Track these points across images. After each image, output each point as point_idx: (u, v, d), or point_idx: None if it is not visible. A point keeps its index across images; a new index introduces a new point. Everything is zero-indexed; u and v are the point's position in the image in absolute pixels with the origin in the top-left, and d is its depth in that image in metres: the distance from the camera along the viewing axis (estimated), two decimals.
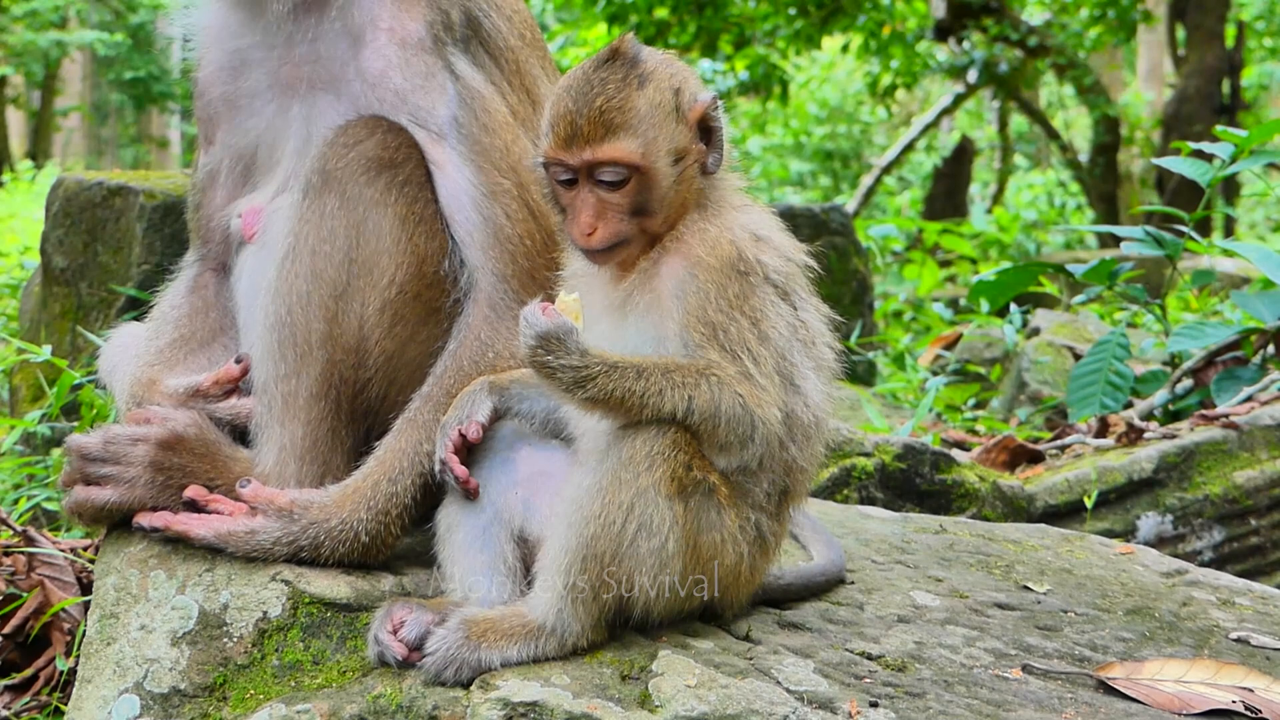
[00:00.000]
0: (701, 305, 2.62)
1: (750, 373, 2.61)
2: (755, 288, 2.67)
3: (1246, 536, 4.84)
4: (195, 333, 3.30)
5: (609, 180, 2.68)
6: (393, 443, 2.92)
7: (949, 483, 4.75)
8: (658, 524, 2.55)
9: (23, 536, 3.71)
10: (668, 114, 2.71)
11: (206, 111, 3.29)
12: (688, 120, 2.73)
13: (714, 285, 2.63)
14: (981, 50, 22.76)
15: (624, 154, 2.67)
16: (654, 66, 2.73)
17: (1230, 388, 5.57)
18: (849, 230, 9.92)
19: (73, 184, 5.82)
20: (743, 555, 2.69)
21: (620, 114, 2.67)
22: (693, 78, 2.79)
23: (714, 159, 2.76)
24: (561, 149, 2.69)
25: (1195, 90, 22.11)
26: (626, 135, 2.67)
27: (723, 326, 2.62)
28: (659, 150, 2.69)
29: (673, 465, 2.56)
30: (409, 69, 3.07)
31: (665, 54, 2.80)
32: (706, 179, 2.77)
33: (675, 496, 2.56)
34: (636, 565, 2.57)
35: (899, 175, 33.50)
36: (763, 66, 20.98)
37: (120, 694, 2.64)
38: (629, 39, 2.76)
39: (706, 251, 2.66)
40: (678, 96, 2.72)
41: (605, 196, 2.69)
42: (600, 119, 2.67)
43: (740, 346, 2.61)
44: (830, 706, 2.48)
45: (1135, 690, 2.69)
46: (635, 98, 2.68)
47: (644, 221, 2.70)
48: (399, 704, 2.49)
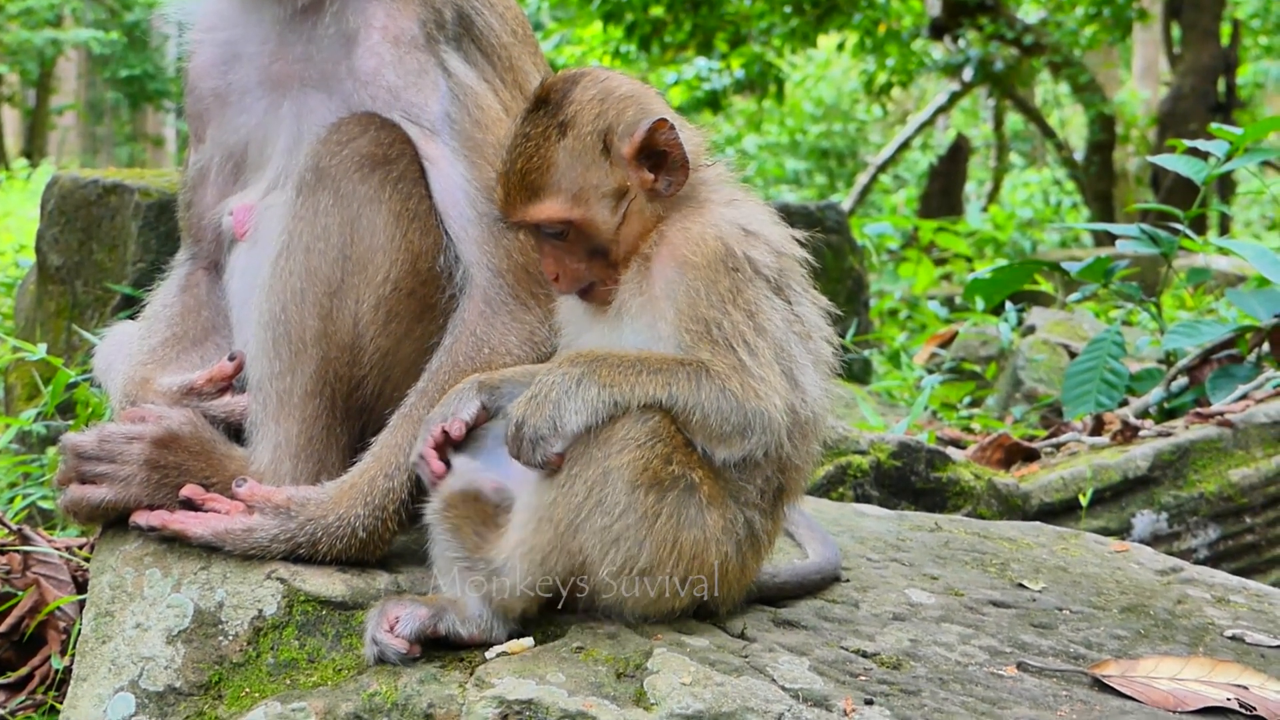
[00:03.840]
0: (693, 303, 2.61)
1: (745, 364, 2.59)
2: (747, 282, 2.65)
3: (1241, 534, 4.84)
4: (188, 331, 3.30)
5: (550, 234, 2.72)
6: (389, 439, 2.92)
7: (944, 481, 4.75)
8: (611, 504, 2.55)
9: (18, 535, 3.71)
10: (593, 160, 2.69)
11: (197, 108, 3.28)
12: (623, 157, 2.69)
13: (703, 282, 2.62)
14: (977, 48, 22.77)
15: (550, 214, 2.69)
16: (577, 110, 2.69)
17: (1225, 386, 5.57)
18: (844, 228, 9.92)
19: (68, 182, 5.82)
20: (729, 554, 2.68)
21: (540, 174, 2.68)
22: (633, 106, 2.72)
23: (668, 182, 2.72)
24: (504, 208, 2.76)
25: (1190, 88, 22.14)
26: (550, 195, 2.69)
27: (716, 321, 2.61)
28: (589, 199, 2.69)
29: (646, 454, 2.55)
30: (402, 66, 3.06)
31: (605, 84, 2.74)
32: (672, 193, 2.73)
33: (644, 486, 2.55)
34: (589, 541, 2.57)
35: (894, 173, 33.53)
36: (758, 64, 21.00)
37: (116, 692, 2.64)
38: (560, 79, 2.75)
39: (692, 250, 2.65)
40: (605, 137, 2.69)
41: (556, 245, 2.73)
42: (522, 182, 2.69)
43: (736, 339, 2.60)
44: (825, 704, 2.48)
45: (1130, 688, 2.69)
46: (554, 152, 2.68)
47: (603, 260, 2.72)
48: (394, 702, 2.49)
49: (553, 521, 2.58)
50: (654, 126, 2.68)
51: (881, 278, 15.57)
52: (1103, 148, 24.38)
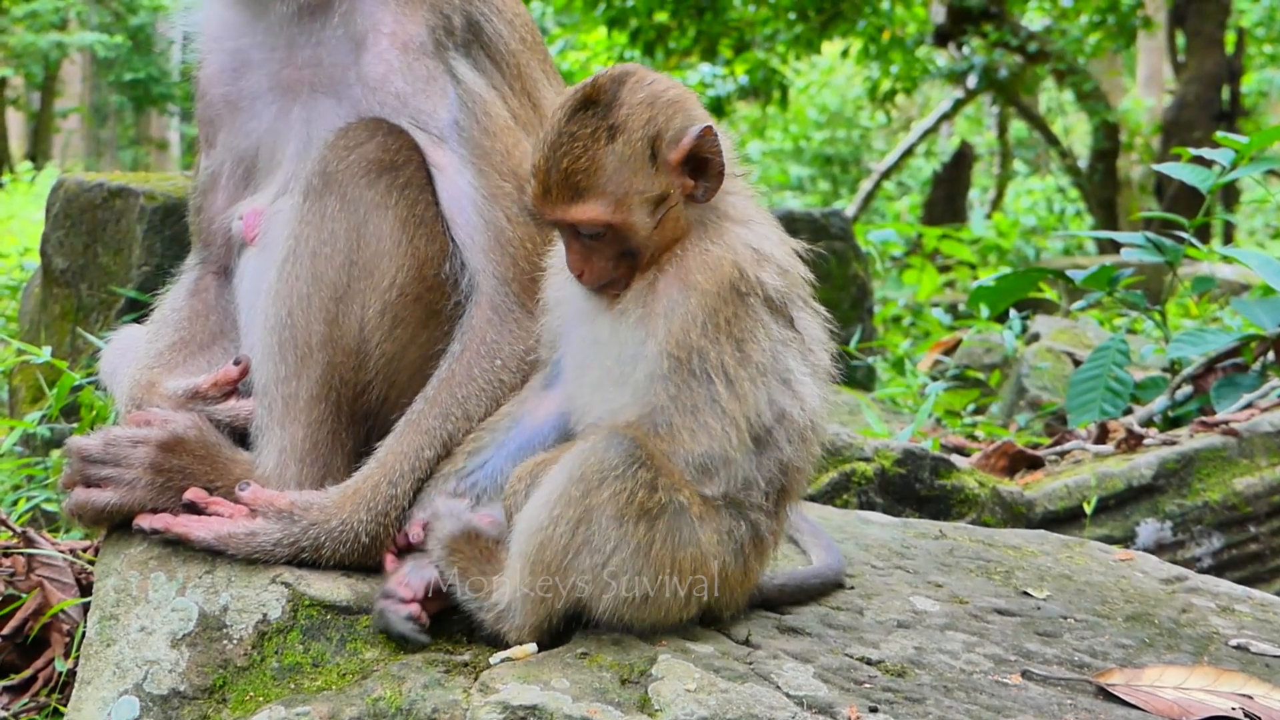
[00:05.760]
0: (686, 328, 2.62)
1: (712, 400, 2.61)
2: (751, 309, 2.66)
3: (1246, 543, 4.84)
4: (195, 335, 3.30)
5: (587, 234, 2.69)
6: (394, 445, 2.92)
7: (949, 488, 4.75)
8: (600, 543, 2.56)
9: (22, 538, 3.71)
10: (641, 165, 2.65)
11: (207, 113, 3.29)
12: (670, 163, 2.67)
13: (704, 310, 2.62)
14: (981, 56, 22.78)
15: (593, 215, 2.65)
16: (628, 113, 2.65)
17: (1230, 394, 5.57)
18: (849, 235, 9.92)
19: (73, 185, 5.82)
20: (728, 562, 2.69)
21: (587, 176, 2.63)
22: (680, 112, 2.69)
23: (704, 189, 2.70)
24: (539, 203, 2.69)
25: (1195, 97, 22.15)
26: (594, 197, 2.65)
27: (702, 351, 2.61)
28: (632, 204, 2.66)
29: (629, 485, 2.54)
30: (410, 73, 3.07)
31: (652, 86, 2.69)
32: (706, 199, 2.72)
33: (632, 519, 2.55)
34: (582, 580, 2.60)
35: (898, 180, 33.55)
36: (762, 71, 21.02)
37: (120, 695, 2.64)
38: (607, 78, 2.69)
39: (705, 276, 2.64)
40: (654, 143, 2.66)
41: (589, 244, 2.70)
42: (567, 182, 2.64)
43: (716, 369, 2.61)
44: (830, 711, 2.47)
45: (1135, 697, 2.69)
46: (603, 155, 2.63)
47: (631, 261, 2.71)
48: (398, 707, 2.48)
49: (544, 564, 2.59)
50: (703, 134, 2.66)
51: (886, 285, 15.57)
52: (1107, 155, 24.39)
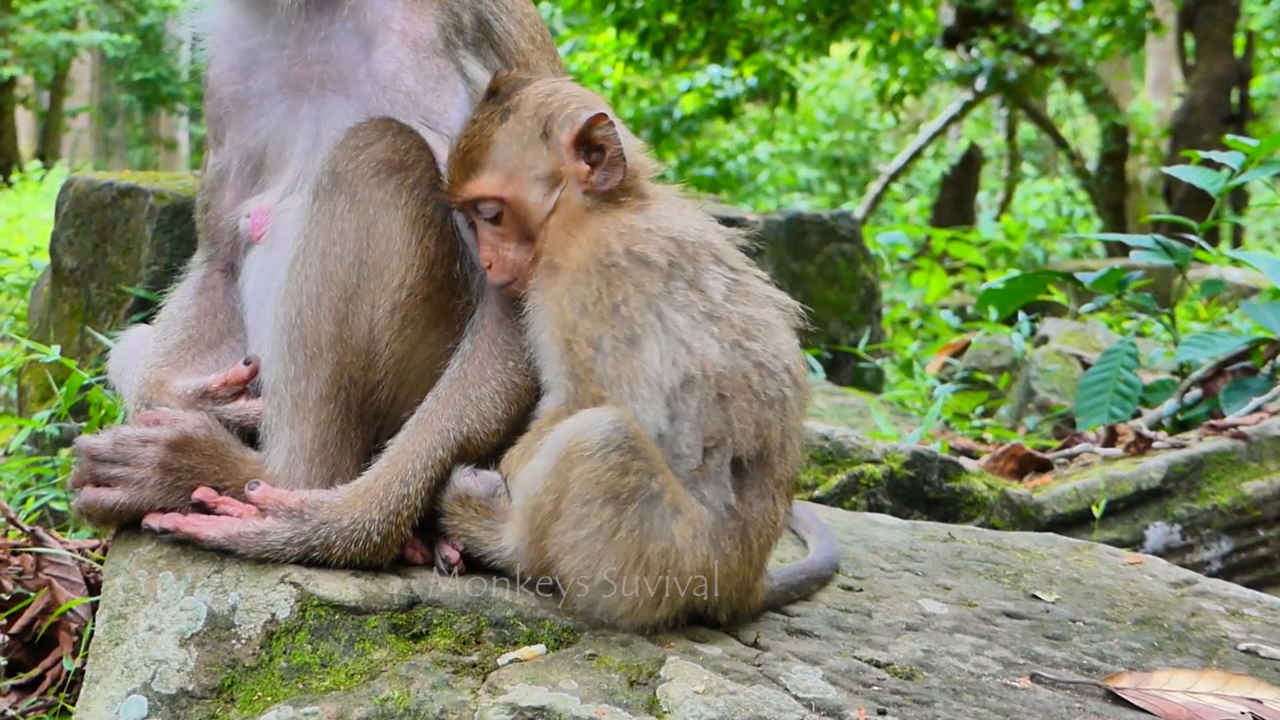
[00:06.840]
0: (562, 309, 2.70)
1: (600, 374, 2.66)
2: (621, 279, 2.67)
3: (1255, 547, 4.83)
4: (203, 334, 3.30)
5: (487, 216, 2.82)
6: (405, 443, 2.92)
7: (957, 491, 4.74)
8: (569, 515, 2.61)
9: (31, 536, 3.71)
10: (531, 141, 2.79)
11: (216, 111, 3.29)
12: (563, 144, 2.78)
13: (571, 288, 2.69)
14: (990, 58, 22.77)
15: (484, 189, 2.80)
16: (523, 99, 2.81)
17: (1239, 398, 5.56)
18: (857, 237, 9.90)
19: (83, 185, 5.83)
20: (708, 556, 2.66)
21: (480, 151, 2.80)
22: (578, 102, 2.82)
23: (604, 177, 2.79)
24: (449, 188, 2.86)
25: (1204, 99, 22.12)
26: (486, 171, 2.80)
27: (583, 328, 2.67)
28: (522, 179, 2.79)
29: (598, 466, 2.56)
30: (421, 71, 3.07)
31: (557, 84, 2.85)
32: (607, 188, 2.79)
33: (598, 500, 2.58)
34: (552, 544, 2.66)
35: (907, 182, 33.54)
36: (771, 73, 21.03)
37: (128, 695, 2.64)
38: (514, 75, 2.89)
39: (574, 255, 2.73)
40: (547, 124, 2.78)
41: (493, 230, 2.83)
42: (464, 159, 2.81)
43: (598, 343, 2.66)
44: (838, 714, 2.47)
45: (1144, 700, 2.68)
46: (495, 132, 2.80)
47: (533, 247, 2.80)
48: (406, 707, 2.48)
49: (531, 523, 2.67)
50: (594, 119, 2.77)
51: (894, 287, 15.53)
52: (1115, 158, 24.37)
